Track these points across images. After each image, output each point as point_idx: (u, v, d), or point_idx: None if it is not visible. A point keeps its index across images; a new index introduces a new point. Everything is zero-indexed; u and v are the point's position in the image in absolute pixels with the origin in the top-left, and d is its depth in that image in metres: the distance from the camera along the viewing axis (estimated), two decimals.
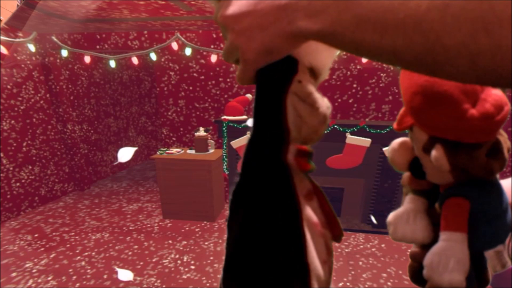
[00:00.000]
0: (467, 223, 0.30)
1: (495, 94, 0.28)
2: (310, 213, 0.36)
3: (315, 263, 0.35)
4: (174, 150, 3.17)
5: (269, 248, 0.33)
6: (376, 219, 2.93)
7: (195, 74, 3.37)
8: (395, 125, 0.34)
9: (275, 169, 0.33)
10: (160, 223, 3.15)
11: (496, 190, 0.31)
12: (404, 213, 0.35)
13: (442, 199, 0.32)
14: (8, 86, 3.11)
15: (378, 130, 2.60)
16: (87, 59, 3.05)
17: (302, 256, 0.34)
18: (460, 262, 0.29)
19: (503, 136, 0.30)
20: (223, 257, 0.35)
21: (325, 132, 0.35)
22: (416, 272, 0.37)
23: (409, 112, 0.31)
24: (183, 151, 3.15)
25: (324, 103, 0.32)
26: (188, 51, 2.99)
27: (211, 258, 2.55)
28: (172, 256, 2.58)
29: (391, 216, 0.36)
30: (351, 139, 2.58)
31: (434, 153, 0.29)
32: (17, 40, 2.89)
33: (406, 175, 0.37)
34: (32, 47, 2.95)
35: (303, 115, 0.31)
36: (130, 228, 3.06)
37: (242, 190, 0.34)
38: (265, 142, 0.32)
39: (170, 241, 2.80)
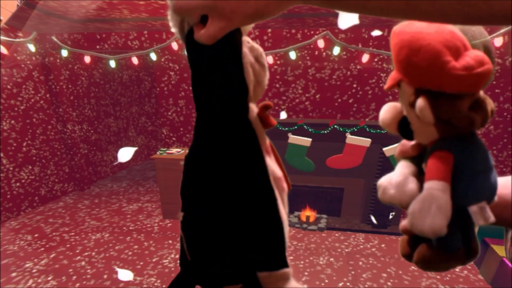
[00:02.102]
0: (450, 174, 0.31)
1: (478, 53, 0.29)
2: (274, 168, 0.36)
3: (284, 216, 0.35)
4: (174, 150, 3.17)
5: (244, 209, 0.33)
6: (376, 219, 2.93)
7: None
8: (385, 86, 0.36)
9: (242, 127, 0.33)
10: (160, 223, 3.15)
11: (480, 147, 0.32)
12: (394, 176, 0.36)
13: (427, 156, 0.33)
14: (8, 86, 3.11)
15: (378, 130, 2.60)
16: (87, 59, 3.05)
17: (276, 211, 0.34)
18: (441, 208, 0.30)
19: (488, 99, 0.32)
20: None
21: (325, 132, 0.35)
22: (406, 245, 0.39)
23: (396, 67, 0.33)
24: (183, 151, 3.15)
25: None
26: None
27: None
28: (172, 256, 2.58)
29: (381, 179, 0.37)
30: (351, 139, 2.58)
31: (418, 103, 0.30)
32: (17, 40, 2.89)
33: (398, 147, 0.39)
34: (32, 47, 2.95)
35: (259, 75, 0.32)
36: (130, 228, 3.06)
37: (204, 154, 0.33)
38: (230, 102, 0.32)
39: (170, 241, 2.80)
